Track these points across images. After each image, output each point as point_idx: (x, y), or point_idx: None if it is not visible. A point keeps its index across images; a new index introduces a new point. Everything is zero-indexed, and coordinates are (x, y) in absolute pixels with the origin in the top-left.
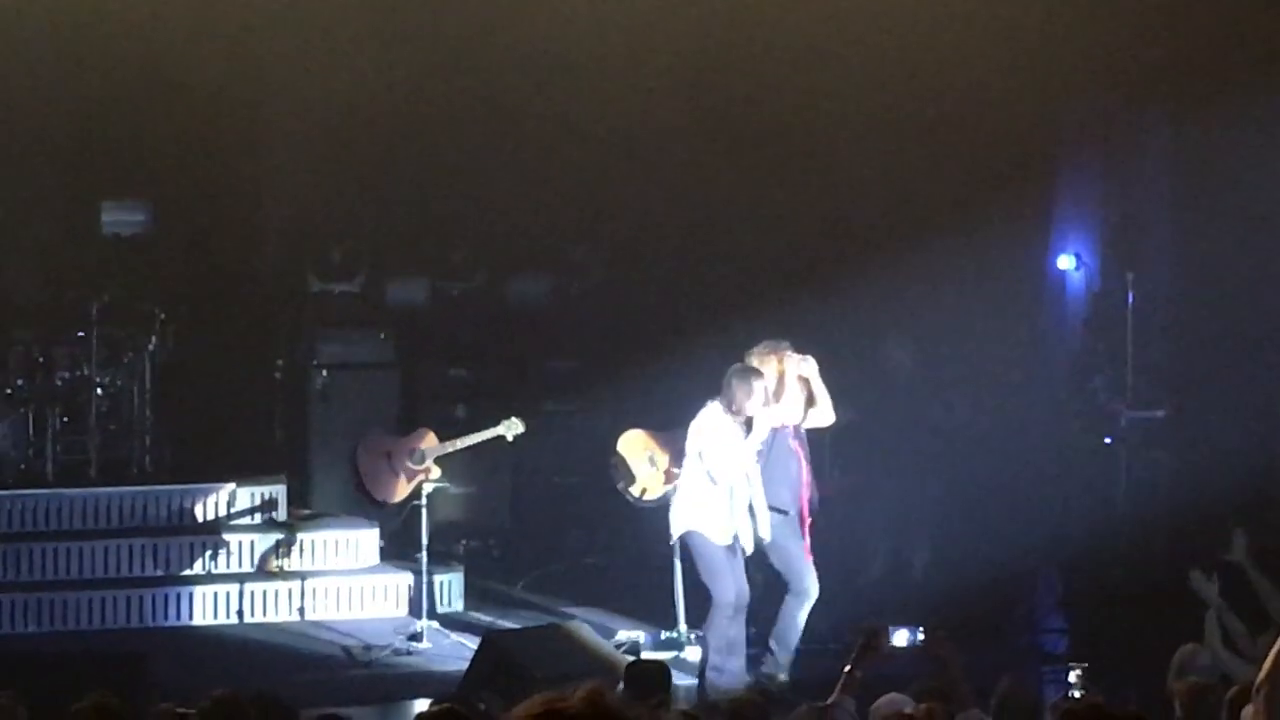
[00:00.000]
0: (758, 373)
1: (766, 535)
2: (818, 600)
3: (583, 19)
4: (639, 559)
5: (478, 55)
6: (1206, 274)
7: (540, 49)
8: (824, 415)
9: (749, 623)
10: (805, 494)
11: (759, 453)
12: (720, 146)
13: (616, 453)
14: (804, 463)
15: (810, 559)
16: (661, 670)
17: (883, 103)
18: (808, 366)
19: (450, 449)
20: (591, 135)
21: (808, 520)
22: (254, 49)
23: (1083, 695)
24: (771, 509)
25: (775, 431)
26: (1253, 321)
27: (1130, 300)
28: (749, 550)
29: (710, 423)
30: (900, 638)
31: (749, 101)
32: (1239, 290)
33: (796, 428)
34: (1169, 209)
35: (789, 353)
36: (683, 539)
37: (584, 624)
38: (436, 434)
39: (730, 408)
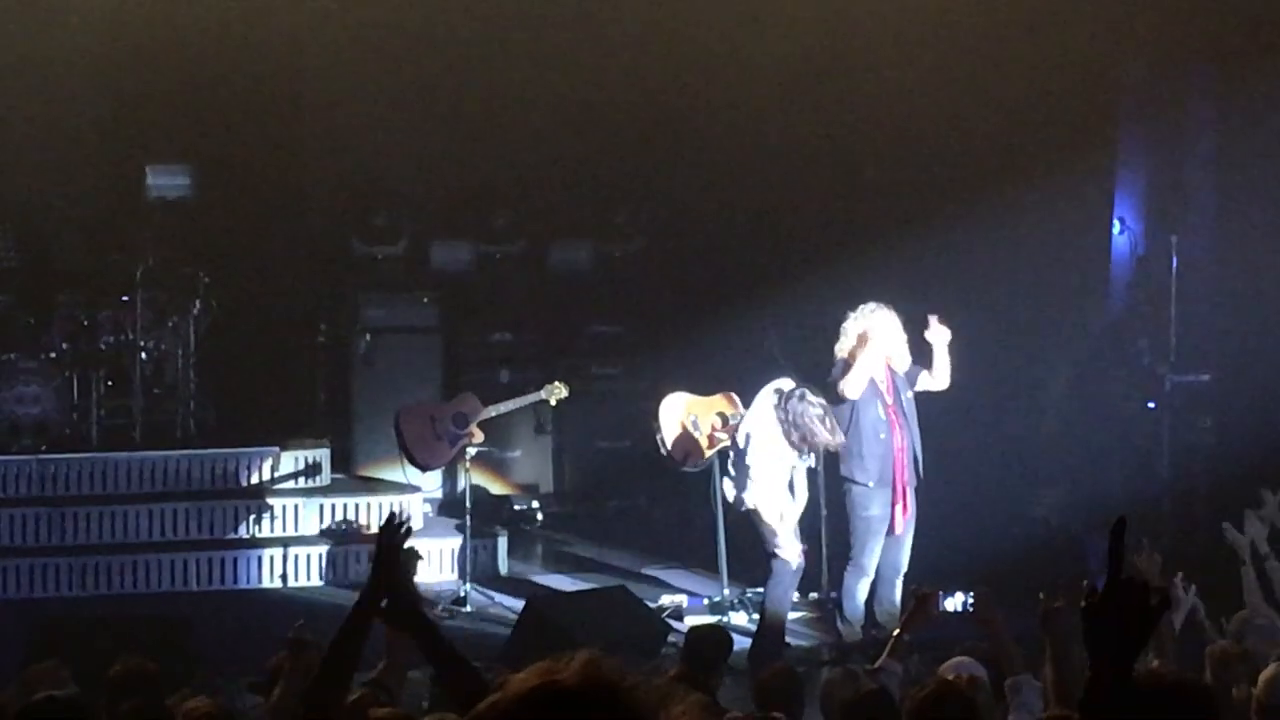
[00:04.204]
0: (815, 399)
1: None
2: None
3: None
4: (683, 522)
5: (522, 19)
6: (1250, 237)
7: (584, 13)
8: (938, 379)
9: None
10: (900, 465)
11: (843, 422)
12: (765, 108)
13: (659, 417)
14: (900, 432)
15: (901, 534)
16: (724, 641)
17: (938, 63)
18: (893, 328)
19: (493, 413)
20: (634, 101)
21: (905, 493)
22: (297, 12)
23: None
24: (850, 481)
25: (855, 405)
26: None
27: (1174, 264)
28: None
29: (758, 415)
30: (950, 602)
31: (796, 63)
32: None
33: (896, 394)
34: (1213, 172)
35: (882, 312)
36: (750, 508)
37: (627, 588)
38: (479, 398)
39: (784, 419)
